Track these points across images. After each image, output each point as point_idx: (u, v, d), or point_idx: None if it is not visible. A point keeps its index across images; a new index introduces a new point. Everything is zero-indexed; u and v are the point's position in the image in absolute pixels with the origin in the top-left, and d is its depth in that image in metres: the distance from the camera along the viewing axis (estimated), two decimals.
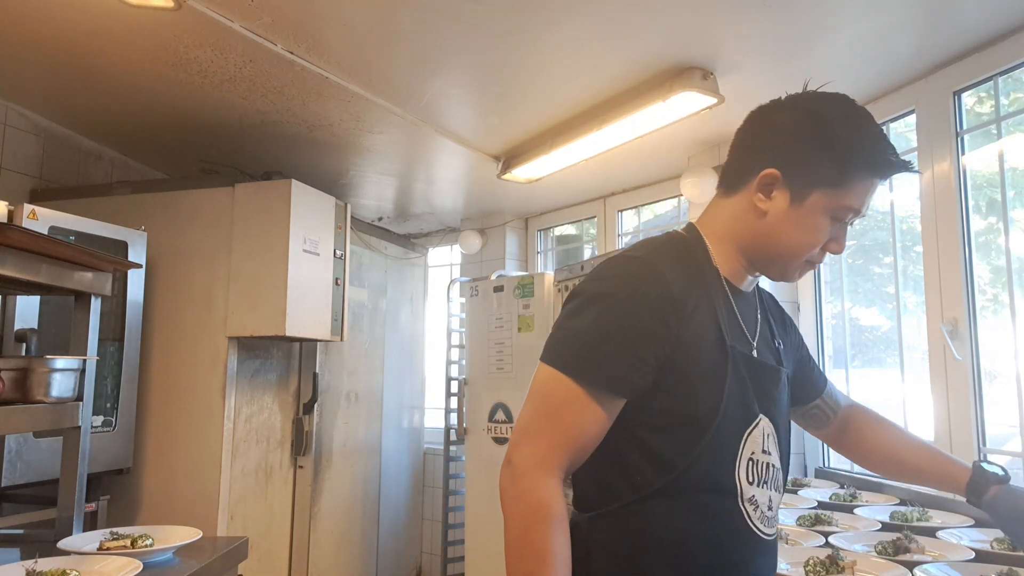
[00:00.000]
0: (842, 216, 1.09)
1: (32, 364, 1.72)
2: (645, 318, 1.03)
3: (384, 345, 4.05)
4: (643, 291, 1.04)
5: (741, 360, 1.08)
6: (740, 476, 1.06)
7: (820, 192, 1.07)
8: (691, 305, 1.05)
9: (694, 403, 1.05)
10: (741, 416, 1.07)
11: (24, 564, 1.47)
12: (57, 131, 3.12)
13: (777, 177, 1.08)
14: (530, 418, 1.04)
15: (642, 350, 1.02)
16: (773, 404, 1.14)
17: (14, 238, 1.55)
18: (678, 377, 1.04)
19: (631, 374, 1.02)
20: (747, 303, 1.18)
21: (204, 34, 2.22)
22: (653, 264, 1.06)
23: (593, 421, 1.02)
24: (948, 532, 1.80)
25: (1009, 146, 2.15)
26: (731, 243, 1.14)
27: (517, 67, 2.40)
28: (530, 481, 0.99)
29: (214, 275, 2.86)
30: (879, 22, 2.04)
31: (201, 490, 2.78)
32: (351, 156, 3.34)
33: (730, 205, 1.15)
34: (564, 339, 1.06)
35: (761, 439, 1.09)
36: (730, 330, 1.09)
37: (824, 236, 1.10)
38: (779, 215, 1.09)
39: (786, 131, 1.10)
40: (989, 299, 2.24)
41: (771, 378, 1.14)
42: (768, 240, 1.11)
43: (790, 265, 1.13)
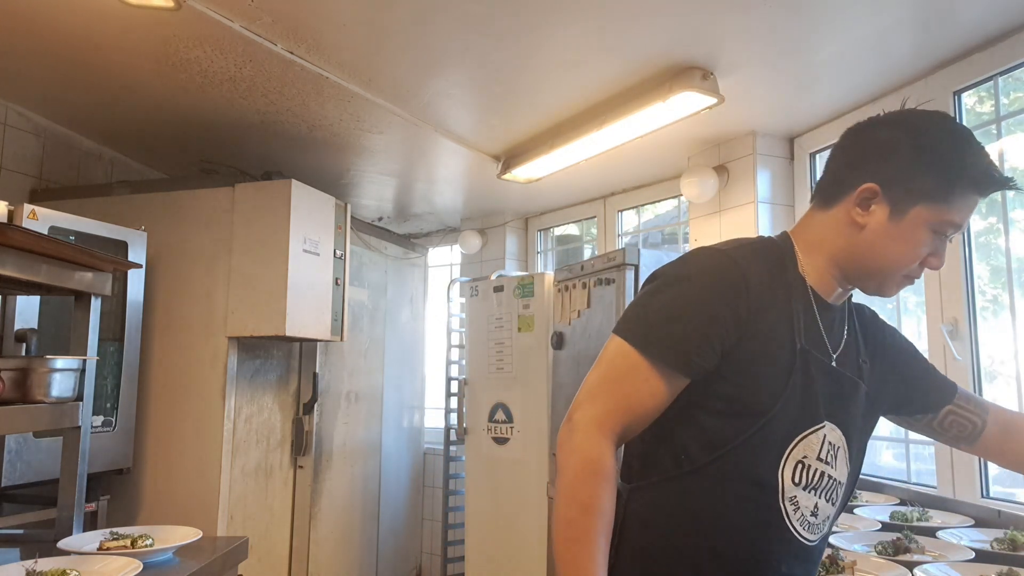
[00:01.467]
0: (943, 231, 1.10)
1: (32, 364, 1.72)
2: (716, 304, 1.06)
3: (384, 345, 4.05)
4: (718, 280, 1.08)
5: (815, 364, 1.10)
6: (784, 474, 1.08)
7: (921, 207, 1.08)
8: (766, 302, 1.08)
9: (752, 394, 1.07)
10: (799, 417, 1.08)
11: (24, 564, 1.47)
12: (57, 131, 3.12)
13: (876, 191, 1.09)
14: (595, 382, 1.08)
15: (710, 333, 1.05)
16: (847, 415, 1.14)
17: (14, 238, 1.55)
18: (741, 366, 1.07)
19: (695, 355, 1.05)
20: (833, 316, 1.18)
21: (204, 34, 2.22)
22: (734, 259, 1.10)
23: (651, 394, 1.06)
24: (948, 532, 1.80)
25: (1009, 146, 2.15)
26: (824, 254, 1.15)
27: (517, 67, 2.40)
28: (586, 437, 1.04)
29: (214, 275, 2.85)
30: (879, 22, 2.04)
31: (201, 490, 2.78)
32: (351, 156, 3.34)
33: (826, 218, 1.16)
34: (637, 314, 1.11)
35: (819, 445, 1.10)
36: (806, 335, 1.11)
37: (924, 251, 1.11)
38: (878, 229, 1.10)
39: (886, 146, 1.11)
40: (989, 299, 2.24)
41: (849, 389, 1.14)
42: (866, 253, 1.12)
43: (888, 279, 1.14)
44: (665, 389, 1.06)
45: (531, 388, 3.36)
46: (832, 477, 1.12)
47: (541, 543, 3.18)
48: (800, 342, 1.09)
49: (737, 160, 2.99)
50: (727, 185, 3.01)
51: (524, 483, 3.33)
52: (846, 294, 1.20)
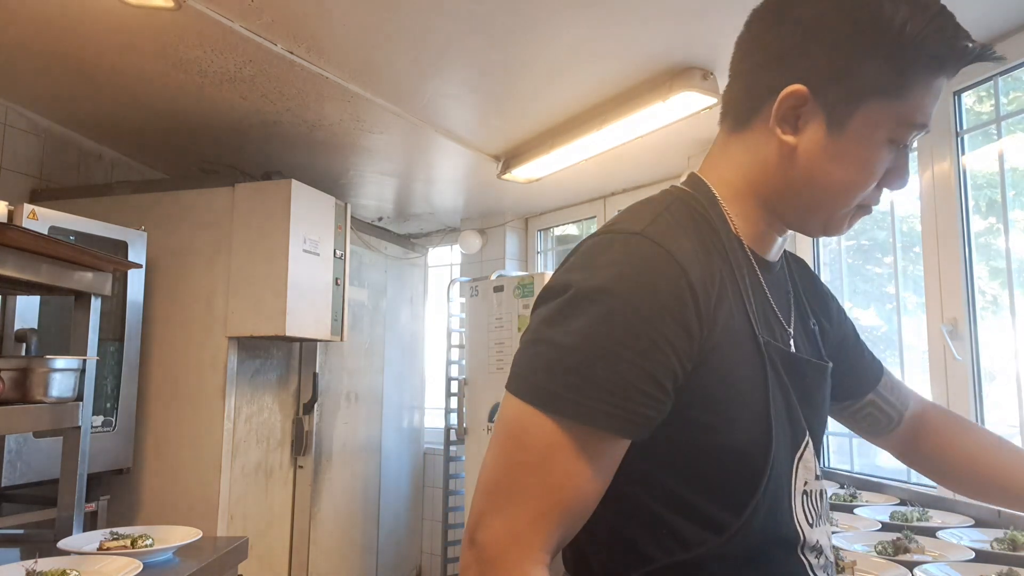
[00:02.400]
0: (902, 136, 0.79)
1: (32, 364, 1.72)
2: (659, 324, 0.72)
3: (384, 345, 4.05)
4: (652, 285, 0.73)
5: (780, 359, 0.81)
6: (799, 518, 0.80)
7: (869, 107, 0.77)
8: (714, 295, 0.76)
9: (740, 432, 0.76)
10: (789, 438, 0.80)
11: (24, 564, 1.47)
12: (57, 131, 3.12)
13: (805, 96, 0.78)
14: (499, 476, 0.73)
15: (657, 370, 0.72)
16: (816, 411, 0.88)
17: (14, 238, 1.55)
18: (704, 400, 0.75)
19: (641, 405, 0.71)
20: (777, 278, 0.89)
21: (204, 34, 2.22)
22: (661, 245, 0.75)
23: (591, 476, 0.72)
24: (948, 532, 1.80)
25: (1009, 146, 2.15)
26: (751, 197, 0.84)
27: (517, 67, 2.40)
28: (505, 571, 0.69)
29: (214, 275, 2.86)
30: None
31: (201, 490, 2.78)
32: (351, 156, 3.34)
33: (742, 144, 0.85)
34: (542, 358, 0.73)
35: (813, 462, 0.84)
36: (762, 320, 0.82)
37: (881, 167, 0.80)
38: (814, 149, 0.79)
39: (811, 27, 0.78)
40: (989, 300, 2.24)
41: (815, 378, 0.87)
42: (802, 185, 0.81)
43: (837, 214, 0.83)
44: (605, 464, 0.73)
45: None
46: (824, 491, 0.88)
47: None
48: (761, 335, 0.79)
49: None
50: None
51: None
52: (784, 243, 0.91)
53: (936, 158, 2.28)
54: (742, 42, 0.86)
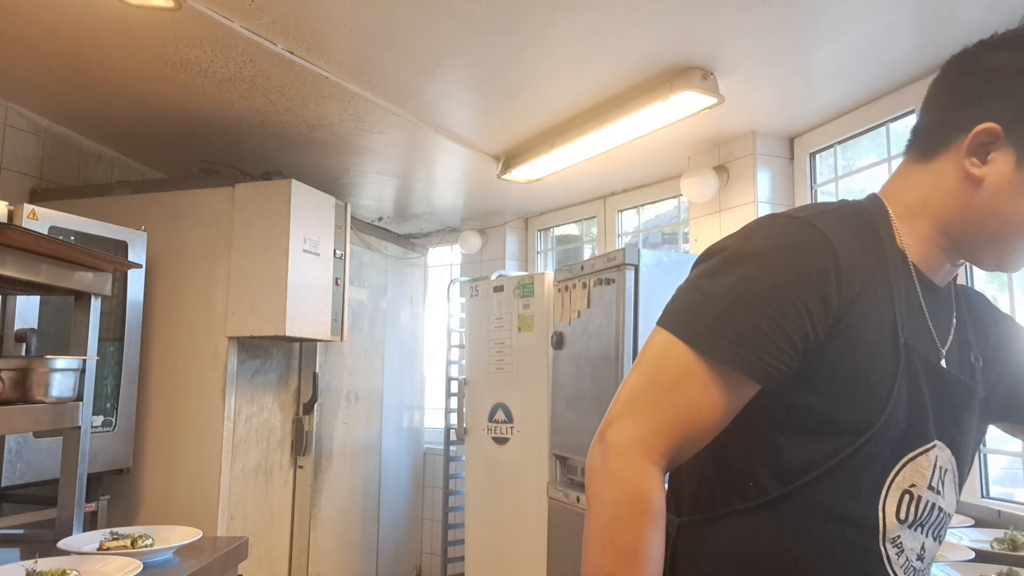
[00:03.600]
0: None
1: (32, 364, 1.72)
2: (798, 288, 0.80)
3: (384, 345, 4.05)
4: (801, 256, 0.82)
5: (921, 366, 0.85)
6: (886, 508, 0.84)
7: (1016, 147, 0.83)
8: (859, 284, 0.83)
9: (845, 407, 0.82)
10: (906, 434, 0.84)
11: (24, 564, 1.47)
12: (57, 131, 3.12)
13: (997, 133, 0.84)
14: (637, 389, 0.84)
15: (791, 328, 0.80)
16: (959, 431, 0.90)
17: (14, 238, 1.55)
18: (832, 370, 0.82)
19: (772, 357, 0.80)
20: (940, 301, 0.93)
21: (204, 34, 2.22)
22: (818, 228, 0.83)
23: (713, 406, 0.82)
24: (948, 532, 1.79)
25: None
26: (928, 220, 0.89)
27: (517, 67, 2.40)
28: (627, 463, 0.80)
29: (214, 275, 2.86)
30: (879, 22, 2.04)
31: (201, 490, 2.78)
32: (351, 156, 3.34)
33: (927, 174, 0.90)
34: (693, 302, 0.85)
35: (930, 470, 0.86)
36: (910, 327, 0.86)
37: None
38: (1000, 183, 0.84)
39: (1008, 72, 0.86)
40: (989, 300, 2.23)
41: (962, 397, 0.90)
42: (986, 216, 0.86)
43: (1015, 249, 0.88)
44: (729, 400, 0.82)
45: (531, 388, 3.36)
46: (942, 509, 0.89)
47: (541, 543, 3.18)
48: (904, 336, 0.84)
49: (737, 160, 2.99)
50: (727, 185, 3.01)
51: (524, 483, 3.33)
52: (955, 271, 0.96)
53: None
54: (937, 83, 0.93)
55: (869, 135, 2.65)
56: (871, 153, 2.73)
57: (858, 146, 2.77)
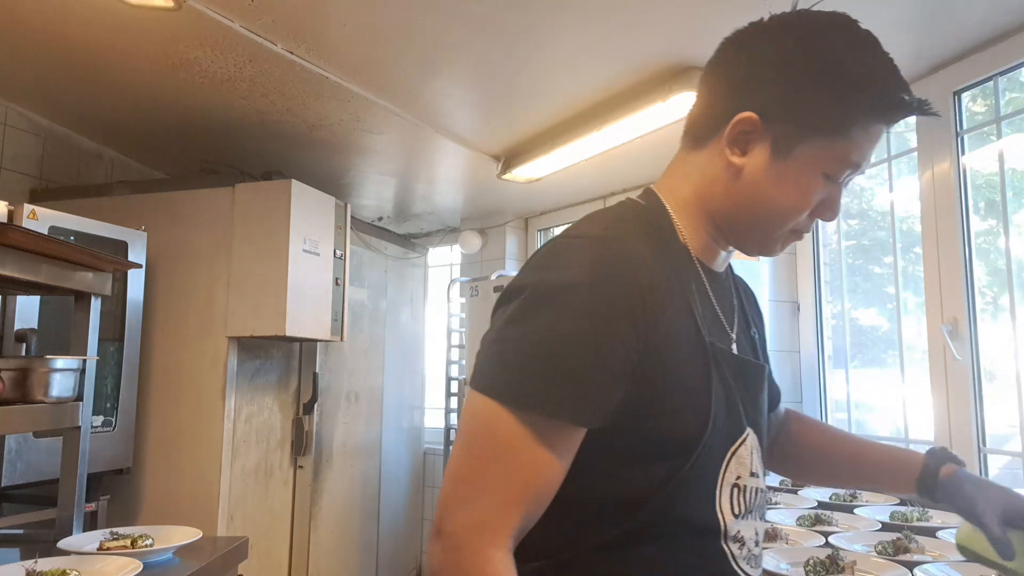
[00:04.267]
0: (837, 173, 0.86)
1: (32, 364, 1.72)
2: (614, 318, 0.77)
3: (384, 345, 4.05)
4: (609, 282, 0.78)
5: (724, 360, 0.86)
6: (723, 508, 0.84)
7: (812, 143, 0.84)
8: (662, 296, 0.81)
9: (678, 422, 0.81)
10: (726, 433, 0.85)
11: (24, 564, 1.47)
12: (57, 131, 3.12)
13: (756, 123, 0.85)
14: (465, 468, 0.77)
15: (613, 362, 0.77)
16: (759, 411, 0.92)
17: (14, 238, 1.55)
18: (653, 390, 0.80)
19: (601, 397, 0.77)
20: (722, 287, 0.96)
21: (204, 34, 2.22)
22: (619, 246, 0.81)
23: (551, 463, 0.76)
24: (948, 532, 1.80)
25: (1009, 146, 2.15)
26: (700, 211, 0.91)
27: (517, 67, 2.40)
28: (471, 558, 0.73)
29: (214, 275, 2.85)
30: (879, 22, 2.02)
31: (201, 490, 2.78)
32: (351, 156, 3.34)
33: (697, 162, 0.92)
34: (505, 356, 0.78)
35: (749, 458, 0.88)
36: (707, 323, 0.87)
37: (815, 198, 0.86)
38: (758, 172, 0.86)
39: (770, 62, 0.86)
40: (988, 300, 2.24)
41: (756, 378, 0.93)
42: (744, 205, 0.88)
43: (771, 236, 0.90)
44: (566, 450, 0.78)
45: None
46: (761, 489, 0.90)
47: None
48: (706, 334, 0.85)
49: None
50: None
51: None
52: (729, 256, 0.98)
53: (936, 158, 2.28)
54: (709, 66, 0.92)
55: None
56: None
57: None
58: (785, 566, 1.54)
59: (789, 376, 2.90)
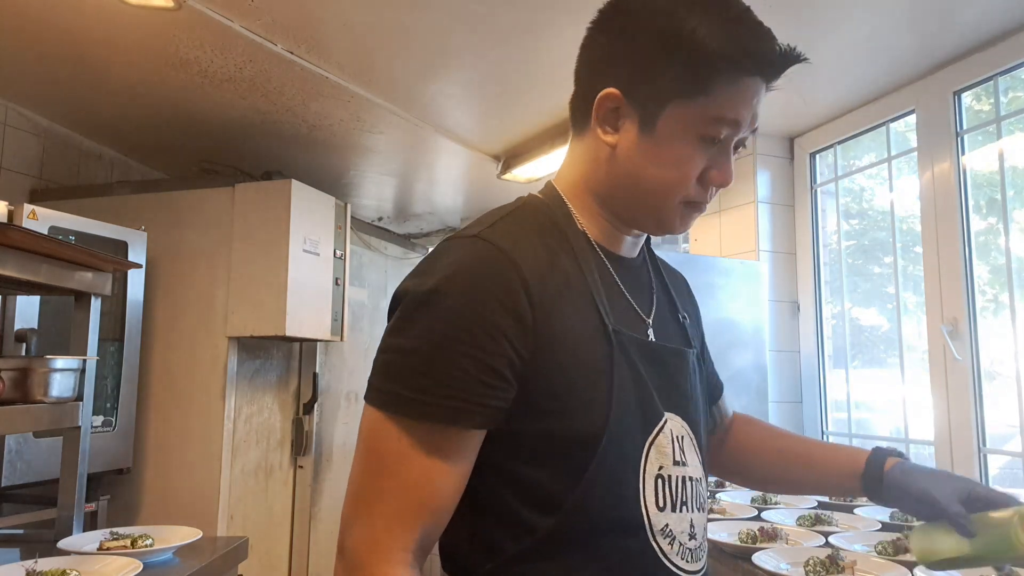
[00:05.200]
0: (713, 133, 0.82)
1: (32, 364, 1.72)
2: (491, 314, 0.75)
3: None
4: (482, 279, 0.77)
5: (633, 347, 0.84)
6: (646, 502, 0.81)
7: (674, 107, 0.81)
8: (552, 288, 0.80)
9: (574, 418, 0.78)
10: (639, 422, 0.82)
11: (24, 564, 1.47)
12: (57, 131, 3.12)
13: (618, 98, 0.83)
14: (359, 483, 0.77)
15: (494, 360, 0.75)
16: (683, 396, 0.90)
17: (14, 238, 1.55)
18: (547, 386, 0.77)
19: (486, 397, 0.75)
20: (634, 272, 0.93)
21: (204, 34, 2.22)
22: (492, 243, 0.80)
23: (447, 471, 0.75)
24: None
25: (1009, 146, 2.15)
26: (591, 197, 0.90)
27: (517, 67, 2.40)
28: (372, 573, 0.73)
29: (214, 275, 2.85)
30: (879, 22, 2.04)
31: (201, 490, 2.77)
32: (351, 156, 3.34)
33: (581, 147, 0.91)
34: (390, 366, 0.78)
35: (671, 446, 0.85)
36: (613, 310, 0.84)
37: (695, 165, 0.83)
38: (630, 147, 0.84)
39: (625, 35, 0.84)
40: (989, 299, 2.24)
41: (677, 363, 0.90)
42: (625, 183, 0.86)
43: (663, 211, 0.86)
44: (461, 456, 0.76)
45: None
46: (694, 479, 0.88)
47: None
48: (610, 323, 0.82)
49: (737, 160, 2.98)
50: None
51: None
52: (639, 242, 0.95)
53: (936, 158, 2.28)
54: (579, 52, 0.91)
55: (869, 135, 2.65)
56: (871, 153, 2.73)
57: (858, 146, 2.77)
58: (785, 566, 1.54)
59: (789, 376, 2.90)
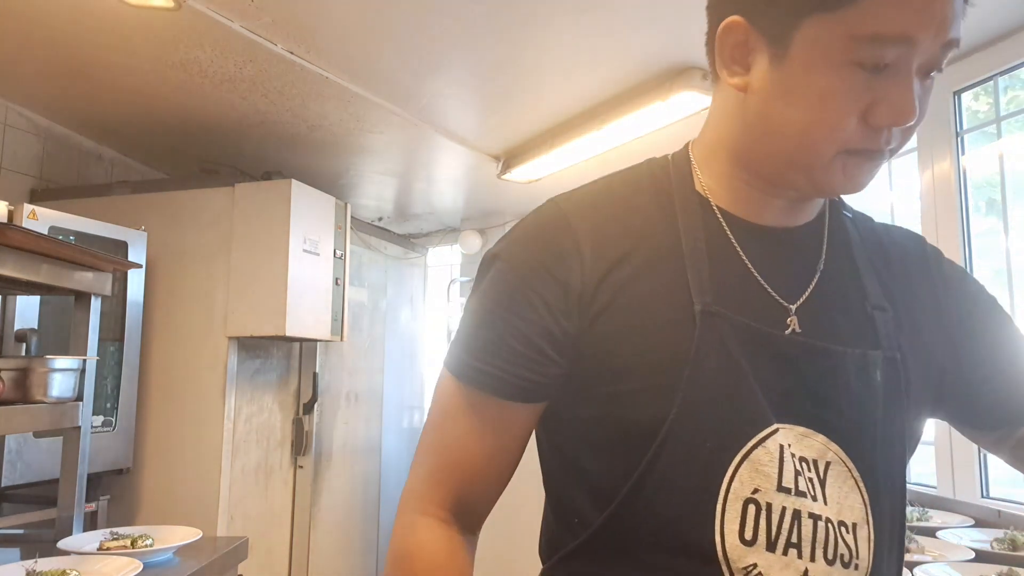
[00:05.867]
0: (871, 56, 0.61)
1: (32, 364, 1.72)
2: (534, 281, 0.70)
3: (384, 345, 4.05)
4: (535, 245, 0.72)
5: (736, 334, 0.67)
6: (724, 528, 0.64)
7: (809, 26, 0.62)
8: (618, 252, 0.70)
9: (632, 406, 0.67)
10: (729, 427, 0.66)
11: (24, 564, 1.47)
12: (57, 131, 3.12)
13: (742, 26, 0.66)
14: (422, 435, 0.79)
15: (530, 329, 0.69)
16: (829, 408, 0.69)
17: (14, 238, 1.55)
18: (601, 368, 0.69)
19: (519, 367, 0.70)
20: (783, 246, 0.74)
21: (204, 34, 2.22)
22: (560, 205, 0.74)
23: (476, 436, 0.73)
24: (948, 532, 1.80)
25: (1009, 146, 2.15)
26: (725, 156, 0.75)
27: (517, 67, 2.40)
28: (399, 521, 0.75)
29: (214, 275, 2.85)
30: None
31: (201, 490, 2.78)
32: (351, 156, 3.34)
33: (716, 100, 0.79)
34: (460, 326, 0.77)
35: (776, 465, 0.65)
36: (719, 287, 0.69)
37: (849, 100, 0.62)
38: (763, 86, 0.66)
39: None
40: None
41: (825, 365, 0.69)
42: (762, 134, 0.69)
43: (814, 166, 0.66)
44: (499, 428, 0.73)
45: None
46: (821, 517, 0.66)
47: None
48: (701, 301, 0.68)
49: None
50: None
51: (522, 481, 3.33)
52: (805, 207, 0.76)
53: (936, 158, 2.28)
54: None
55: None
56: None
57: None
58: None
59: None
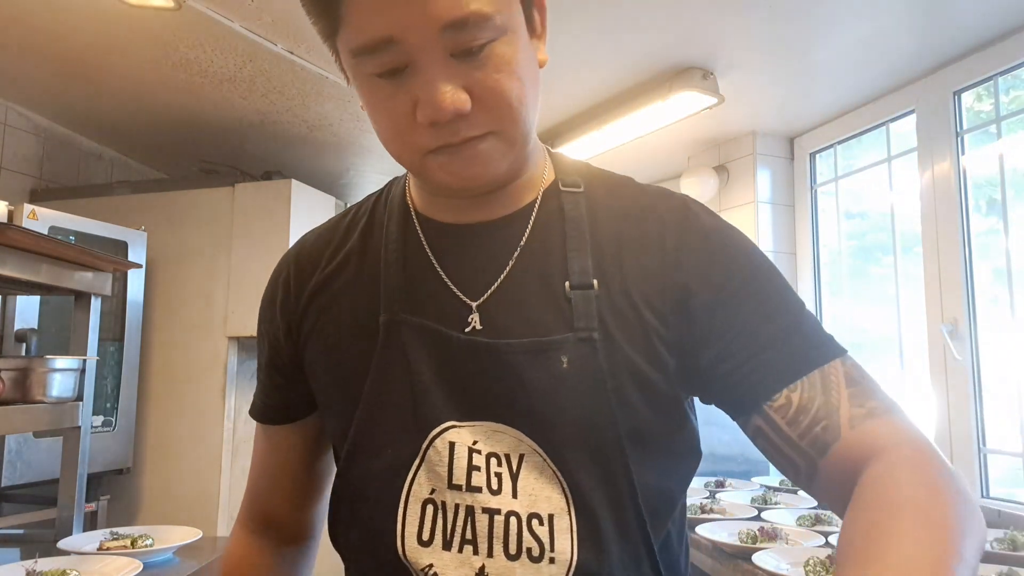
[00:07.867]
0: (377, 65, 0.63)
1: (32, 364, 1.72)
2: (268, 318, 0.81)
3: None
4: (270, 283, 0.83)
5: (413, 337, 0.69)
6: (403, 530, 0.67)
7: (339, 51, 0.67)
8: (320, 279, 0.75)
9: (329, 419, 0.77)
10: (408, 434, 0.68)
11: (24, 564, 1.47)
12: (57, 131, 3.12)
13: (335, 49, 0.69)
14: None
15: (266, 360, 0.82)
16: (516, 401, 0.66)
17: (14, 238, 1.55)
18: (315, 386, 0.77)
19: (264, 395, 0.83)
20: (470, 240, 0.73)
21: (204, 34, 2.22)
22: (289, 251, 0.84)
23: (259, 457, 0.86)
24: None
25: (1009, 146, 2.15)
26: None
27: None
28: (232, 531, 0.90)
29: (214, 275, 2.86)
30: (879, 22, 2.04)
31: (201, 490, 2.78)
32: (351, 156, 3.34)
33: None
34: None
35: (445, 465, 0.66)
36: (406, 294, 0.71)
37: (390, 108, 0.65)
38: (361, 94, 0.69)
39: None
40: (990, 299, 2.24)
41: (503, 359, 0.67)
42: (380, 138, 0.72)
43: (417, 170, 0.68)
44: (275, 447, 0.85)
45: None
46: (500, 511, 0.65)
47: None
48: (386, 313, 0.70)
49: (737, 160, 2.99)
50: (727, 185, 3.01)
51: None
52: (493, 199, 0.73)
53: (936, 158, 2.28)
54: None
55: (869, 135, 2.65)
56: (871, 153, 2.73)
57: (858, 146, 2.77)
58: (785, 566, 1.54)
59: None
